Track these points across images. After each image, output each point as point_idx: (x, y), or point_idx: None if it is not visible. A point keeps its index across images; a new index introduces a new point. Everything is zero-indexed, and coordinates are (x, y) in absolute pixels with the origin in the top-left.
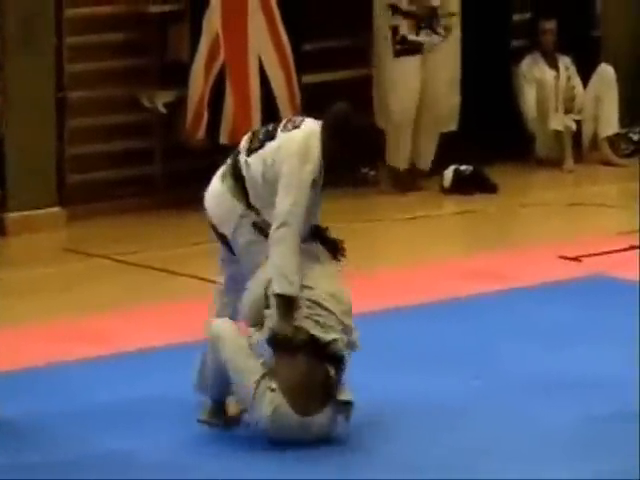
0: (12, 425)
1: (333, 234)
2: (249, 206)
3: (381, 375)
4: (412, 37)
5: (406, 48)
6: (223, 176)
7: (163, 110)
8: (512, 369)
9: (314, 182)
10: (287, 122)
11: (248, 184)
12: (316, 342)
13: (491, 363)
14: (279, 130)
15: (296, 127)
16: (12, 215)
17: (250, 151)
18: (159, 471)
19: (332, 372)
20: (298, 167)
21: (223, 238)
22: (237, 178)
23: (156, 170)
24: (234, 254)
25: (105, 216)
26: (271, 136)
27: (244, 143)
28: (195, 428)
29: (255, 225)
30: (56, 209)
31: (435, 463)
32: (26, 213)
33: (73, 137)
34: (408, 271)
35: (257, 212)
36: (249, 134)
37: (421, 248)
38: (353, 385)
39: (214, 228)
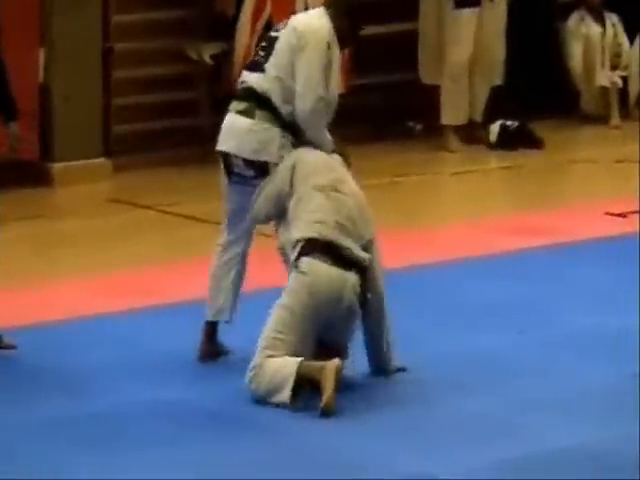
0: (60, 377)
1: (379, 189)
2: (285, 126)
3: (427, 328)
4: None
5: None
6: (246, 112)
7: (209, 62)
8: (557, 324)
9: (328, 45)
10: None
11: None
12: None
13: (536, 318)
14: (279, 31)
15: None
16: (58, 165)
17: (259, 64)
18: (209, 420)
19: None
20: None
21: (261, 167)
22: (263, 102)
23: (202, 122)
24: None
25: (150, 167)
26: (273, 41)
27: (246, 71)
28: (240, 378)
29: (293, 146)
30: (102, 160)
31: (478, 416)
32: (72, 163)
33: (119, 88)
34: (454, 226)
35: (292, 132)
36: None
37: (467, 203)
38: (403, 337)
39: (247, 162)
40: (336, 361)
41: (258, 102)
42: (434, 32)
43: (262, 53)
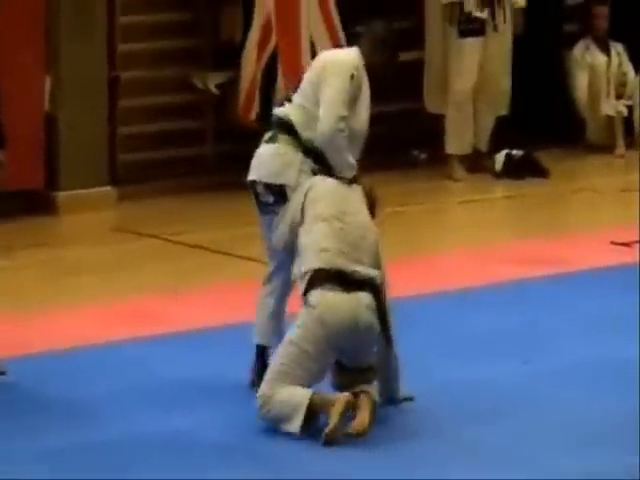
0: (66, 405)
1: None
2: (307, 152)
3: (432, 357)
4: (478, 14)
5: (470, 28)
6: (270, 139)
7: (215, 91)
8: (562, 354)
9: (352, 76)
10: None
11: (296, 116)
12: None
13: (541, 348)
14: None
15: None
16: (63, 194)
17: (289, 98)
18: (215, 451)
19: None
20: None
21: (280, 192)
22: (285, 128)
23: (207, 151)
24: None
25: (155, 196)
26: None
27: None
28: (249, 408)
29: (314, 173)
30: (107, 188)
31: (483, 446)
32: (77, 192)
33: (125, 117)
34: (459, 255)
35: (314, 159)
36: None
37: (472, 232)
38: (404, 367)
39: (267, 186)
40: (347, 395)
41: (281, 128)
42: (439, 61)
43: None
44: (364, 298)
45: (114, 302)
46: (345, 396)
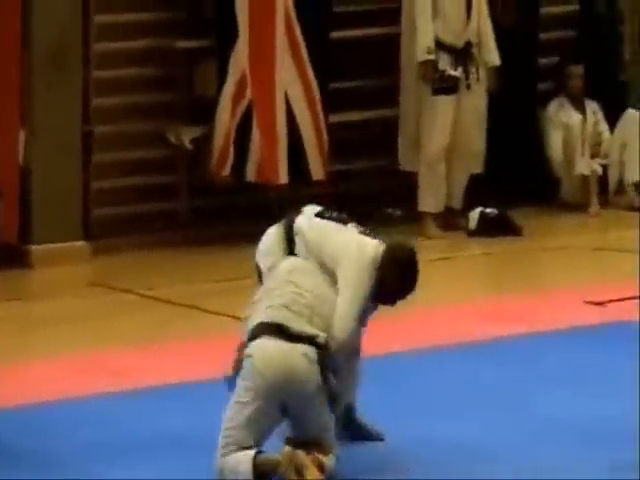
0: (36, 460)
1: None
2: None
3: (403, 415)
4: (451, 72)
5: (444, 86)
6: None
7: (189, 146)
8: (536, 414)
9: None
10: (361, 226)
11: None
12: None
13: (515, 407)
14: (353, 225)
15: (368, 236)
16: (37, 247)
17: (317, 215)
18: None
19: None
20: (356, 273)
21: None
22: (289, 239)
23: (181, 206)
24: None
25: (129, 251)
26: (344, 221)
27: (309, 210)
28: (211, 466)
29: None
30: (81, 243)
31: None
32: (51, 246)
33: (99, 171)
34: (431, 312)
35: None
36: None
37: (445, 289)
38: (377, 425)
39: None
40: (287, 449)
41: (286, 235)
42: (414, 119)
43: (330, 213)
44: (300, 347)
45: (85, 356)
46: (287, 453)
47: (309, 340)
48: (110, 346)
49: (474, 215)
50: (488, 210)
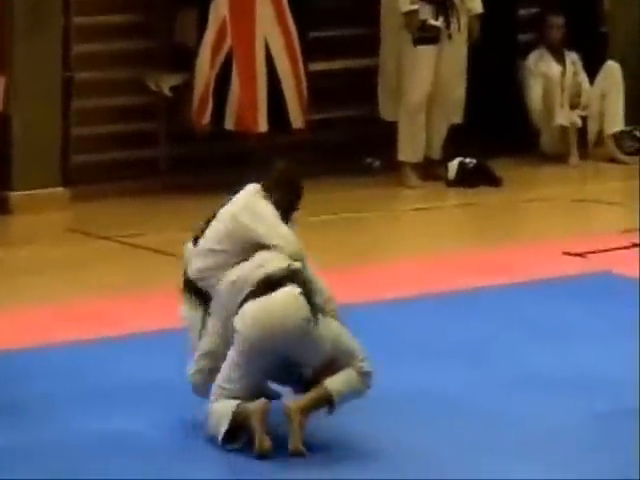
0: (8, 406)
1: (337, 224)
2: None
3: (382, 365)
4: (432, 22)
5: (424, 36)
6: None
7: (169, 94)
8: (513, 363)
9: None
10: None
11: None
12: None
13: (492, 357)
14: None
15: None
16: (16, 194)
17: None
18: (164, 452)
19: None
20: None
21: None
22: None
23: (160, 153)
24: None
25: (108, 197)
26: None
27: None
28: (195, 411)
29: None
30: (60, 189)
31: (429, 456)
32: (30, 192)
33: (78, 118)
34: (409, 263)
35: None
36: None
37: (424, 240)
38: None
39: None
40: (263, 401)
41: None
42: (394, 69)
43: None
44: (281, 294)
45: (63, 303)
46: (260, 402)
47: (289, 277)
48: (89, 293)
49: (453, 165)
50: (467, 160)
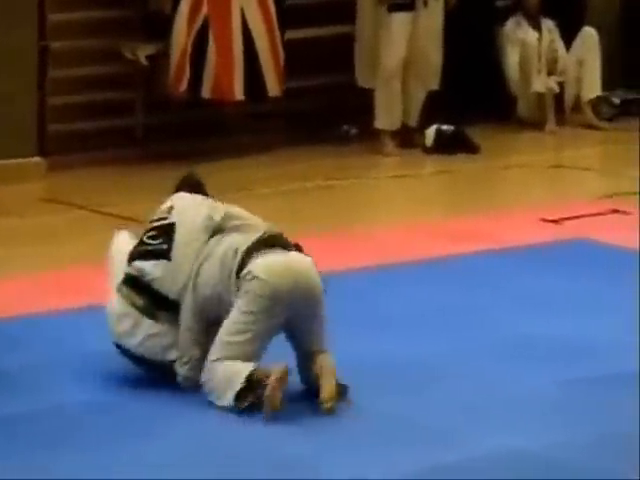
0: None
1: (313, 192)
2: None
3: (358, 333)
4: None
5: (399, 3)
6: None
7: (145, 62)
8: (490, 331)
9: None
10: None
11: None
12: None
13: (470, 324)
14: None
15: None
16: None
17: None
18: (153, 421)
19: None
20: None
21: None
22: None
23: (137, 122)
24: None
25: (85, 167)
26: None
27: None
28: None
29: None
30: (36, 159)
31: (412, 424)
32: (5, 162)
33: (54, 87)
34: (387, 230)
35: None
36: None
37: (401, 208)
38: (332, 341)
39: None
40: (284, 363)
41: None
42: (370, 36)
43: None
44: (300, 255)
45: (39, 273)
46: (282, 365)
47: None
48: (66, 264)
49: (430, 132)
50: (445, 127)
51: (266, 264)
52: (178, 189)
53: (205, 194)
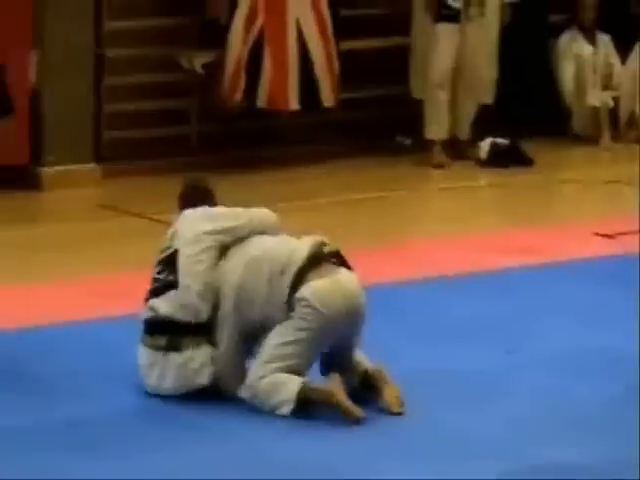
0: (43, 382)
1: (366, 203)
2: None
3: (411, 345)
4: (451, 3)
5: (444, 14)
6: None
7: (201, 71)
8: (543, 344)
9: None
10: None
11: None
12: None
13: (522, 337)
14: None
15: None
16: (48, 170)
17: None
18: (187, 428)
19: None
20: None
21: None
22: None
23: (191, 131)
24: None
25: (139, 175)
26: None
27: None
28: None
29: None
30: (91, 165)
31: (464, 435)
32: (62, 168)
33: (110, 94)
34: (442, 243)
35: None
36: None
37: (455, 220)
38: (386, 354)
39: None
40: (336, 375)
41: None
42: (423, 47)
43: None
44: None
45: (91, 279)
46: (336, 377)
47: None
48: (120, 270)
49: (485, 145)
50: (499, 140)
51: (320, 292)
52: (184, 206)
53: (212, 200)
